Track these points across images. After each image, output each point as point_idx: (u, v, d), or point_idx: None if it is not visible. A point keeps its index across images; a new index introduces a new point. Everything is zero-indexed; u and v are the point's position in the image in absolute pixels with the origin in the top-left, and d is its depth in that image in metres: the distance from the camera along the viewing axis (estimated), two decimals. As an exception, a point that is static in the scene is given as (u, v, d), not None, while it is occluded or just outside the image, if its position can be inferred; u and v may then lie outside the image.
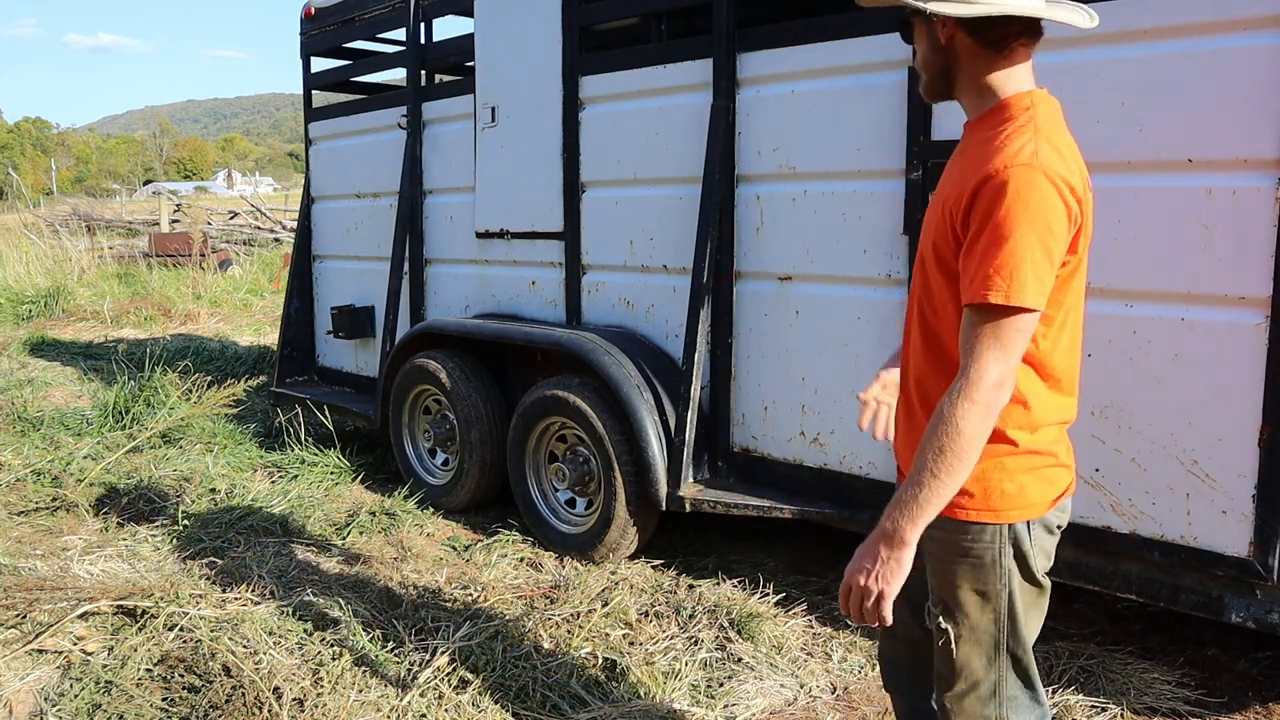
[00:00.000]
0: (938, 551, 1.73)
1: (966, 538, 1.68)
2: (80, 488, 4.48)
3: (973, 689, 1.75)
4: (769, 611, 3.29)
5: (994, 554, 1.67)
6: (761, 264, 3.49)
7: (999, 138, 1.57)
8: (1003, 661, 1.73)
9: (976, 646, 1.73)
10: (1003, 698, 1.75)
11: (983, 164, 1.54)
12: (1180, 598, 2.65)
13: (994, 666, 1.74)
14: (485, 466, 4.30)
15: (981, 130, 1.64)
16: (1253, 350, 2.44)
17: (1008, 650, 1.73)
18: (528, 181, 4.25)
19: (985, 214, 1.51)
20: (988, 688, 1.75)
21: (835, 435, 3.35)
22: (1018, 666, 1.75)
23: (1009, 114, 1.61)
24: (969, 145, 1.67)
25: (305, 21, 5.55)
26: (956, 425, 1.50)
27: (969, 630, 1.72)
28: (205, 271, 12.78)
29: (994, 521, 1.66)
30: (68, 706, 2.71)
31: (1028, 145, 1.53)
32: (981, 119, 1.66)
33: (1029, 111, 1.59)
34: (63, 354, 8.58)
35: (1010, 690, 1.76)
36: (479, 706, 2.74)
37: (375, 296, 5.24)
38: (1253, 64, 2.39)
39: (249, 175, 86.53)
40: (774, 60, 3.37)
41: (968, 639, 1.72)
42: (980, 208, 1.52)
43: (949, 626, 1.72)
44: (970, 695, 1.76)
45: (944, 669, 1.78)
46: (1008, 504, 1.65)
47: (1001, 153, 1.53)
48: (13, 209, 23.52)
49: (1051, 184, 1.50)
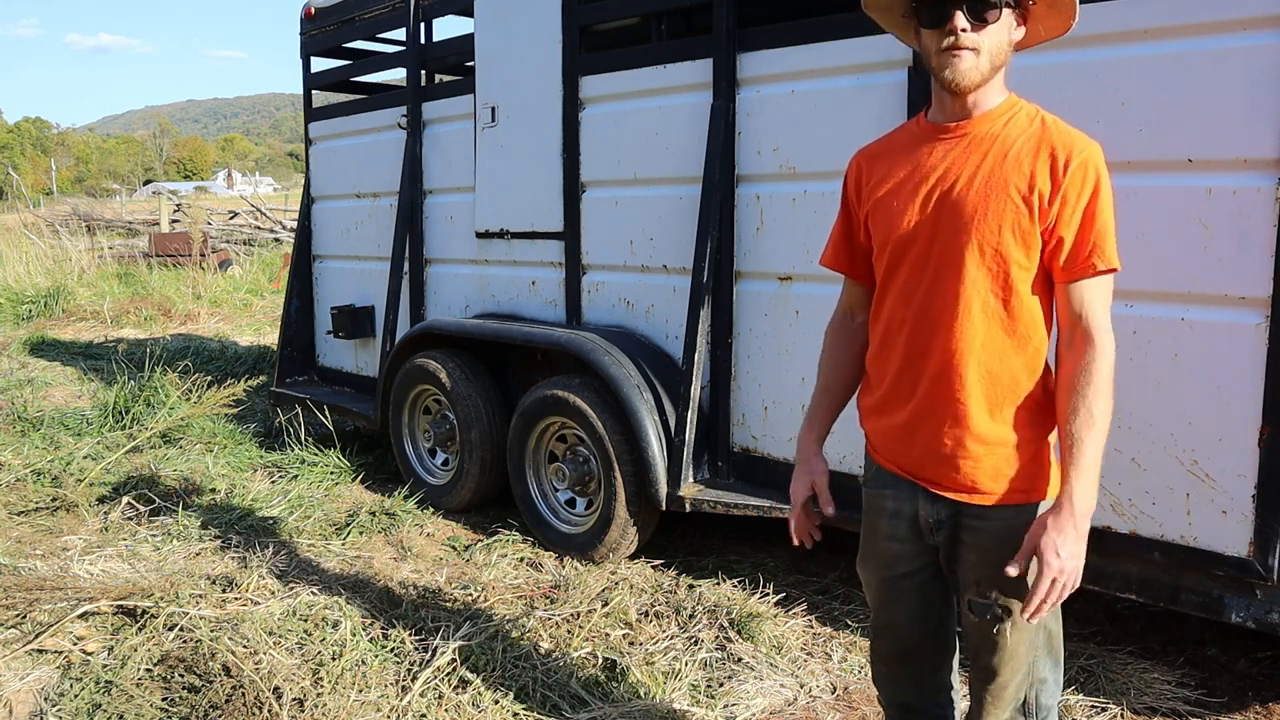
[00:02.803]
0: (996, 541, 1.74)
1: (1026, 519, 1.72)
2: (80, 488, 4.48)
3: (1014, 676, 1.79)
4: (769, 611, 3.29)
5: None
6: (761, 264, 3.49)
7: (1046, 123, 1.69)
8: (1040, 641, 1.79)
9: (1025, 630, 1.77)
10: (1034, 679, 1.81)
11: (1057, 146, 1.65)
12: (1180, 598, 2.65)
13: (1033, 648, 1.79)
14: (485, 466, 4.30)
15: (996, 121, 1.71)
16: (1253, 350, 2.44)
17: (1047, 627, 1.80)
18: (528, 181, 4.25)
19: (1079, 192, 1.65)
20: (1024, 673, 1.80)
21: (835, 435, 3.32)
22: (1051, 645, 1.81)
23: (1022, 104, 1.73)
24: (989, 134, 1.70)
25: (305, 21, 5.55)
26: (1108, 390, 1.65)
27: (1020, 612, 1.73)
28: (205, 271, 12.78)
29: (1051, 498, 1.74)
30: (68, 706, 2.71)
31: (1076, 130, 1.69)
32: (993, 111, 1.72)
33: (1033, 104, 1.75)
34: (63, 354, 8.58)
35: (1042, 672, 1.81)
36: (479, 706, 2.74)
37: (375, 296, 5.24)
38: (1253, 64, 2.39)
39: (249, 175, 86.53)
40: (774, 60, 3.37)
41: (1021, 625, 1.75)
42: (1074, 185, 1.64)
43: (1006, 609, 1.75)
44: (1011, 684, 1.80)
45: (991, 661, 1.80)
46: (1055, 477, 1.75)
47: (1072, 135, 1.67)
48: (13, 209, 23.52)
49: None
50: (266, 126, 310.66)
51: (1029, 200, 1.64)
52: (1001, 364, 1.70)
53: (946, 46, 1.65)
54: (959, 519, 1.78)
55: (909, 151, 1.79)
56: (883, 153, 1.86)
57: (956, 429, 1.73)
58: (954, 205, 1.70)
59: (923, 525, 1.83)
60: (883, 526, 1.90)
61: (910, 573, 1.89)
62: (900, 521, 1.86)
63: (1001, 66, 1.70)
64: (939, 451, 1.76)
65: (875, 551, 1.94)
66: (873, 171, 1.86)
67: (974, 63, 1.65)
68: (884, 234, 1.80)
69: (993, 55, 1.67)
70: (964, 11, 1.64)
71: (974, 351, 1.70)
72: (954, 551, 1.80)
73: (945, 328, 1.72)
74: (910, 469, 1.83)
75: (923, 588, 1.89)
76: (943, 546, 1.82)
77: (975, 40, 1.64)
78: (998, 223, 1.66)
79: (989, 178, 1.68)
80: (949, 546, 1.81)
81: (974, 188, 1.68)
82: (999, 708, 1.81)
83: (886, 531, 1.89)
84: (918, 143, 1.78)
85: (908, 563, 1.88)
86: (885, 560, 1.92)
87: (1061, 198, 1.63)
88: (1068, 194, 1.63)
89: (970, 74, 1.66)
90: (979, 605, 1.76)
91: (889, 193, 1.79)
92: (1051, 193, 1.63)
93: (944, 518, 1.79)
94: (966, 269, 1.69)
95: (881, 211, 1.81)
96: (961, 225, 1.69)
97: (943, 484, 1.78)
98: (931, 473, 1.79)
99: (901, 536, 1.87)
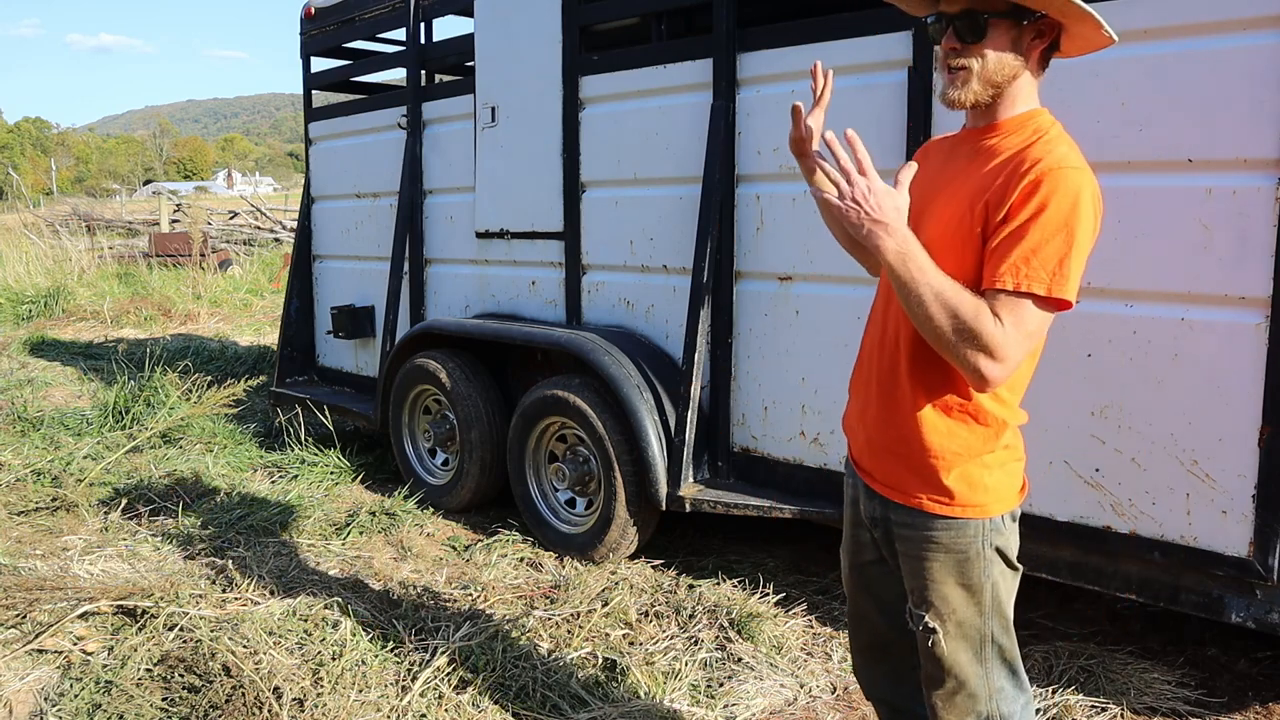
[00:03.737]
0: (919, 551, 1.74)
1: (950, 534, 1.71)
2: (80, 488, 4.48)
3: (962, 686, 1.77)
4: (769, 611, 3.29)
5: (978, 547, 1.71)
6: (761, 264, 3.49)
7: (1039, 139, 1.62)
8: (989, 653, 1.76)
9: (963, 641, 1.75)
10: (991, 689, 1.78)
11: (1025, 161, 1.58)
12: (1180, 598, 2.65)
13: (980, 659, 1.76)
14: (485, 466, 4.30)
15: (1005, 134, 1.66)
16: (1253, 350, 2.44)
17: (993, 641, 1.76)
18: (528, 181, 4.25)
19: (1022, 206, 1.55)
20: (976, 682, 1.77)
21: (835, 435, 3.35)
22: (1003, 656, 1.78)
23: (1037, 120, 1.66)
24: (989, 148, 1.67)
25: (305, 21, 5.55)
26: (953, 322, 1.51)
27: (955, 626, 1.74)
28: (205, 271, 12.78)
29: (980, 517, 1.70)
30: (68, 706, 2.71)
31: (1073, 153, 1.60)
32: (1007, 123, 1.67)
33: (1058, 125, 1.67)
34: (63, 354, 8.58)
35: (997, 681, 1.78)
36: (479, 706, 2.74)
37: (375, 296, 5.24)
38: (1253, 64, 2.39)
39: (249, 175, 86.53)
40: (774, 60, 3.37)
41: (954, 635, 1.74)
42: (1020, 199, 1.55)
43: (936, 625, 1.74)
44: (960, 692, 1.77)
45: (932, 669, 1.79)
46: (990, 498, 1.70)
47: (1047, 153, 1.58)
48: (13, 209, 23.52)
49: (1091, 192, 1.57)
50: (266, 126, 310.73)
51: (975, 209, 1.61)
52: (940, 374, 1.69)
53: (945, 62, 1.67)
54: (889, 520, 1.79)
55: (948, 150, 1.80)
56: (934, 149, 1.87)
57: (891, 428, 1.75)
58: (929, 210, 1.70)
59: (864, 518, 1.87)
60: (850, 512, 1.96)
61: (874, 560, 1.91)
62: (859, 509, 1.90)
63: (1005, 84, 1.64)
64: (875, 445, 1.80)
65: (847, 537, 1.98)
66: (922, 164, 1.86)
67: (965, 81, 1.65)
68: None
69: (988, 74, 1.63)
70: (954, 31, 1.64)
71: (914, 357, 1.71)
72: (893, 553, 1.82)
73: (894, 331, 1.75)
74: (856, 456, 1.88)
75: (886, 578, 1.90)
76: (883, 544, 1.84)
77: (966, 60, 1.63)
78: (946, 226, 1.66)
79: (961, 185, 1.67)
80: (888, 545, 1.83)
81: (948, 194, 1.69)
82: (953, 715, 1.80)
83: (852, 517, 1.95)
84: (954, 145, 1.79)
85: (871, 550, 1.90)
86: (853, 546, 1.95)
87: (1007, 209, 1.56)
88: (1013, 206, 1.55)
89: (960, 93, 1.65)
90: (914, 614, 1.78)
91: (919, 192, 1.81)
92: (999, 203, 1.57)
93: (877, 515, 1.82)
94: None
95: (911, 208, 1.83)
96: (925, 229, 1.67)
97: (874, 476, 1.81)
98: (868, 464, 1.83)
99: (864, 524, 1.90)
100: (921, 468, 1.71)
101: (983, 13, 1.61)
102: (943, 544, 1.71)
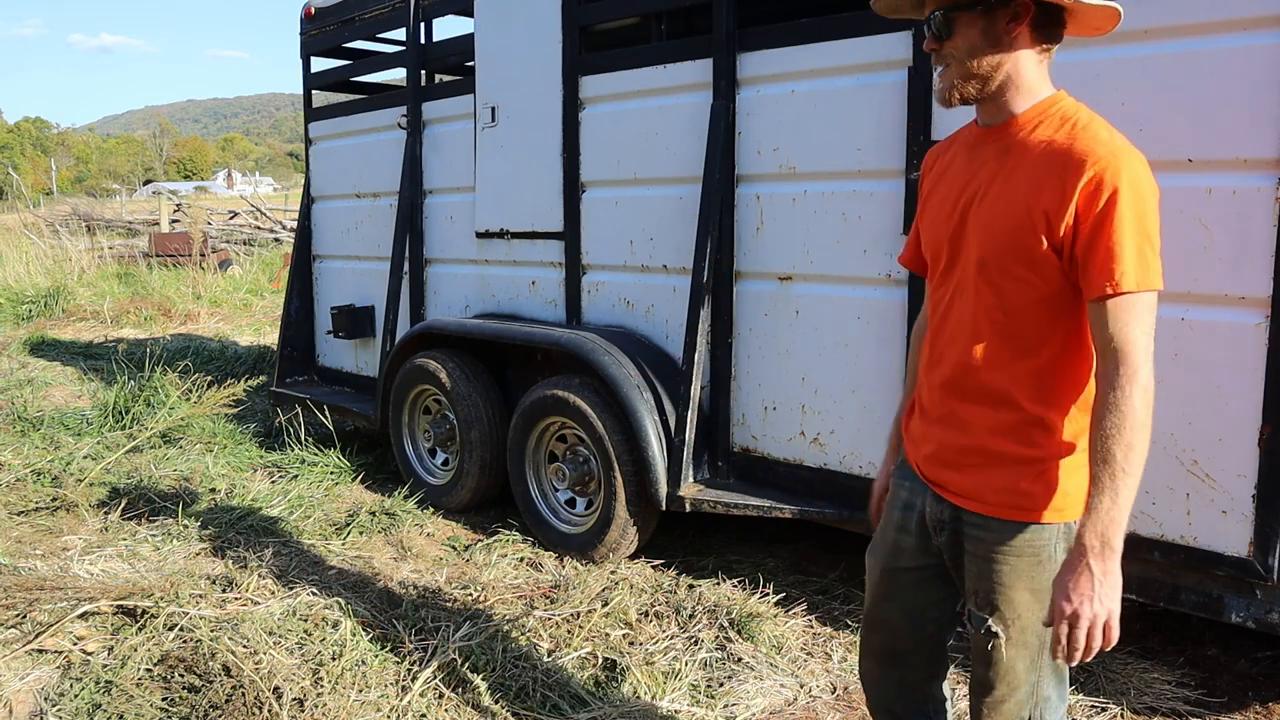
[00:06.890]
0: (992, 553, 1.72)
1: (1026, 537, 1.69)
2: (80, 488, 4.48)
3: (1012, 692, 1.75)
4: (769, 611, 3.29)
5: (1050, 550, 1.69)
6: (761, 264, 3.49)
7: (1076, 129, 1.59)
8: (1044, 660, 1.75)
9: (1023, 649, 1.73)
10: (1039, 698, 1.76)
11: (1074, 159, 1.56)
12: (1180, 598, 2.65)
13: (1035, 667, 1.75)
14: (485, 466, 4.30)
15: (1025, 128, 1.64)
16: (1253, 350, 2.44)
17: (1048, 648, 1.73)
18: (528, 181, 4.25)
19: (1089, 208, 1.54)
20: (1026, 690, 1.75)
21: (835, 435, 3.35)
22: (1057, 664, 1.76)
23: (1058, 107, 1.65)
24: (1019, 144, 1.65)
25: (305, 21, 5.55)
26: (1134, 421, 1.52)
27: (1018, 631, 1.72)
28: (205, 271, 12.78)
29: (1058, 521, 1.68)
30: (68, 706, 2.71)
31: (1113, 135, 1.59)
32: (1022, 116, 1.66)
33: (1083, 107, 1.64)
34: (63, 354, 8.58)
35: (1046, 690, 1.77)
36: (479, 706, 2.74)
37: (375, 296, 5.24)
38: (1253, 64, 2.39)
39: (249, 175, 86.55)
40: (774, 60, 3.37)
41: (1016, 641, 1.73)
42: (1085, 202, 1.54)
43: (999, 629, 1.73)
44: (1010, 700, 1.76)
45: (986, 674, 1.77)
46: (1069, 503, 1.68)
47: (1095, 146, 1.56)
48: (13, 209, 23.53)
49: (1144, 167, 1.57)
50: (266, 126, 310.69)
51: (1035, 216, 1.59)
52: (1010, 380, 1.67)
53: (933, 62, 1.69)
54: (960, 524, 1.77)
55: (964, 151, 1.78)
56: (946, 149, 1.85)
57: (960, 437, 1.74)
58: (973, 219, 1.69)
59: (929, 523, 1.84)
60: (896, 516, 1.92)
61: (912, 568, 1.89)
62: (912, 515, 1.88)
63: (991, 74, 1.63)
64: (943, 455, 1.78)
65: (885, 540, 1.95)
66: (934, 167, 1.85)
67: (945, 76, 1.66)
68: (927, 238, 1.82)
69: (966, 67, 1.63)
70: (930, 31, 1.66)
71: (979, 365, 1.70)
72: (957, 557, 1.80)
73: (958, 340, 1.73)
74: (921, 466, 1.85)
75: (921, 585, 1.89)
76: (946, 548, 1.82)
77: (944, 56, 1.66)
78: (1004, 239, 1.64)
79: (1003, 191, 1.65)
80: (952, 549, 1.80)
81: (990, 202, 1.66)
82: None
83: (898, 522, 1.91)
84: (971, 144, 1.77)
85: (912, 557, 1.89)
86: (891, 550, 1.93)
87: (1074, 215, 1.55)
88: (1079, 211, 1.54)
89: (943, 90, 1.68)
90: (976, 617, 1.76)
91: (937, 195, 1.79)
92: (1062, 209, 1.56)
93: (946, 519, 1.79)
94: (977, 285, 1.69)
95: (929, 214, 1.82)
96: (976, 241, 1.67)
97: (945, 486, 1.78)
98: (935, 474, 1.80)
99: (911, 530, 1.88)
100: (998, 474, 1.70)
101: (947, 8, 1.63)
102: (1018, 548, 1.69)
